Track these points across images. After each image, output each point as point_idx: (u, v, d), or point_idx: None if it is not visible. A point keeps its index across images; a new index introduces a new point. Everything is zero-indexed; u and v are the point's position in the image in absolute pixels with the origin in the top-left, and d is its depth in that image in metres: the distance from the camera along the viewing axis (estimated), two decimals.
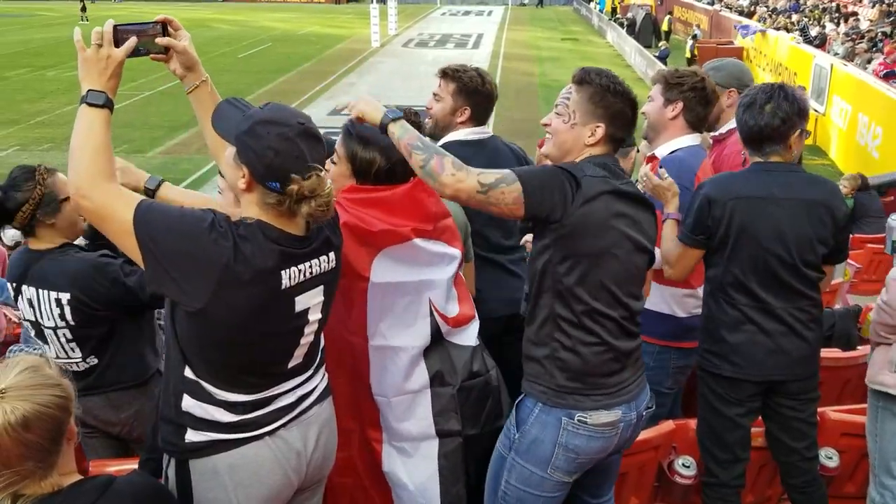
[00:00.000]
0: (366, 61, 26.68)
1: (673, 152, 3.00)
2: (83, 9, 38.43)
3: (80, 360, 2.68)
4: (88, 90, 1.84)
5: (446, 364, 2.42)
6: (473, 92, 3.04)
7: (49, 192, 2.58)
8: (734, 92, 3.41)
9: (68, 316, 2.60)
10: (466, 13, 46.86)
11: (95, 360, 2.70)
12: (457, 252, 2.45)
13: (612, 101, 2.21)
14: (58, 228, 2.63)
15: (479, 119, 3.08)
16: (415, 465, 2.41)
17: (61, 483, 1.54)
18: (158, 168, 13.70)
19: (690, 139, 3.03)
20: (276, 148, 1.77)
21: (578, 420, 2.19)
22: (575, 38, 33.68)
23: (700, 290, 2.98)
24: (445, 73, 3.08)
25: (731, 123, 3.30)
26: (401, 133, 2.11)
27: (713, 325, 2.75)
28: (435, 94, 3.11)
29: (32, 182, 2.57)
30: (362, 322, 2.31)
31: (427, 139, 2.13)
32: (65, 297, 2.58)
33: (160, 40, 1.99)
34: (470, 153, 2.84)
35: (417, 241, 2.30)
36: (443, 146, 2.79)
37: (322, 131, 1.93)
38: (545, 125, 2.31)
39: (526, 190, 2.05)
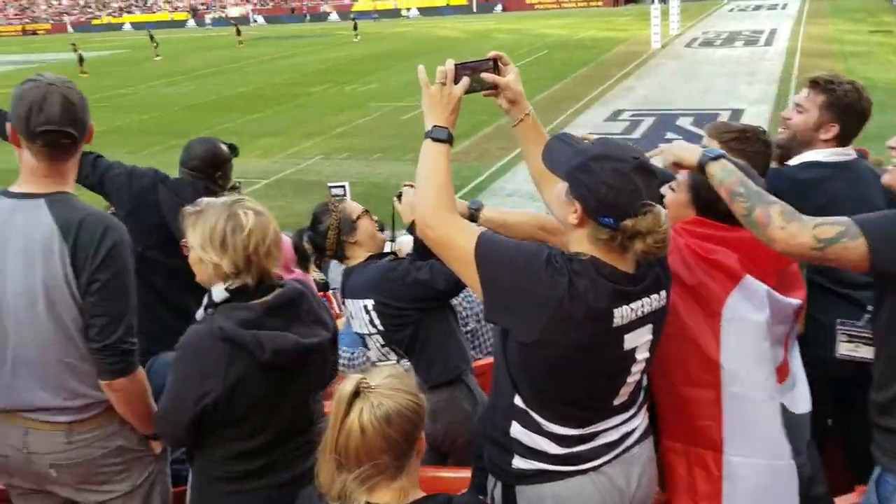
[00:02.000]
0: (645, 64, 25.95)
1: None
2: (151, 38, 41.27)
3: (395, 363, 2.85)
4: (433, 126, 1.97)
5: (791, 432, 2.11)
6: (846, 108, 2.68)
7: (344, 216, 2.91)
8: None
9: (376, 321, 2.81)
10: (757, 7, 43.51)
11: (408, 364, 2.85)
12: (797, 302, 2.17)
13: None
14: (361, 244, 2.92)
15: (845, 139, 2.72)
16: None
17: (408, 491, 1.66)
18: None
19: None
20: (611, 183, 1.77)
21: None
22: (888, 30, 29.66)
23: None
24: (815, 83, 2.75)
25: None
26: (722, 175, 2.02)
27: None
28: (797, 105, 2.79)
29: (328, 213, 2.92)
30: (714, 366, 2.08)
31: (751, 183, 1.99)
32: (369, 302, 2.81)
33: (486, 76, 2.05)
34: (829, 175, 2.65)
35: (751, 280, 2.07)
36: (799, 165, 2.68)
37: (597, 136, 1.93)
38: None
39: (874, 246, 1.86)
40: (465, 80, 2.00)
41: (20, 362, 2.17)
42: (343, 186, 10.93)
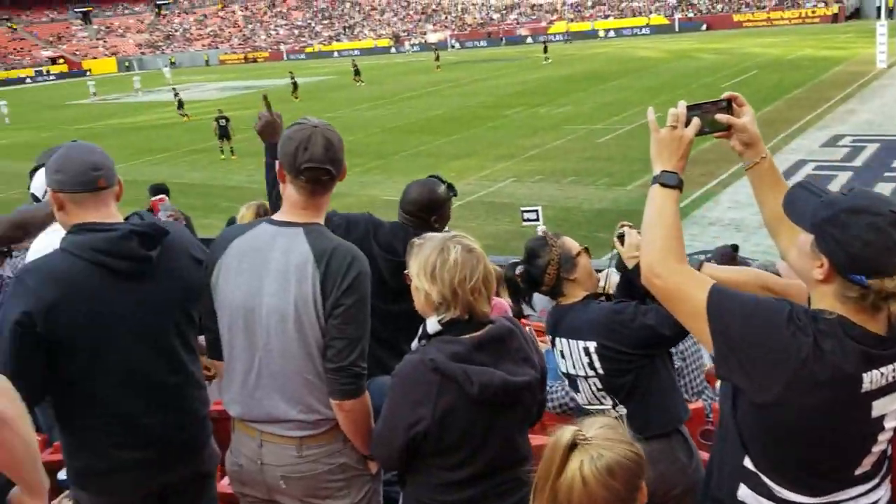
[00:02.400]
0: (868, 85, 23.89)
1: None
2: (354, 66, 41.60)
3: (610, 408, 2.77)
4: (662, 171, 1.92)
5: None
6: None
7: (564, 252, 2.82)
8: None
9: (597, 364, 2.72)
10: None
11: (624, 410, 2.76)
12: None
13: None
14: (579, 282, 2.82)
15: None
16: None
17: None
18: (636, 201, 13.82)
19: None
20: (866, 239, 1.66)
21: None
22: None
23: None
24: None
25: None
26: None
27: None
28: None
29: (547, 248, 2.82)
30: None
31: None
32: (591, 345, 2.72)
33: (720, 117, 1.98)
34: None
35: None
36: None
37: (813, 165, 1.68)
38: None
39: None
40: (695, 122, 1.94)
41: (265, 374, 2.33)
42: (536, 211, 10.74)
